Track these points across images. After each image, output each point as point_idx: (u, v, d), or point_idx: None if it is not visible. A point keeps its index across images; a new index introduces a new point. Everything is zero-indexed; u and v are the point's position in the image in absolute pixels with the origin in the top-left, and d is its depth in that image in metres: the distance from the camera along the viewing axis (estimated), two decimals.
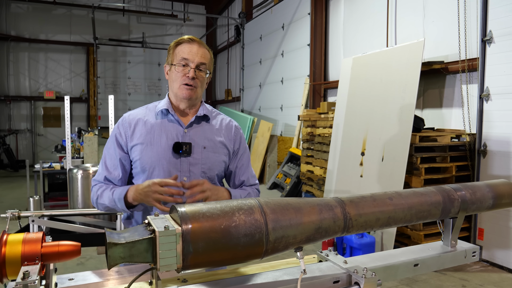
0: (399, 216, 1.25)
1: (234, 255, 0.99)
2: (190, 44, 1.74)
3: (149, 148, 1.72)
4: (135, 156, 1.74)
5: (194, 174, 1.73)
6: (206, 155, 1.76)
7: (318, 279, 1.18)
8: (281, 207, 1.06)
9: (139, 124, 1.77)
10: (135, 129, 1.76)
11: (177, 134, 1.75)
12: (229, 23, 14.74)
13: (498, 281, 4.11)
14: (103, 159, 1.81)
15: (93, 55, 14.28)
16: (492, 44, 4.53)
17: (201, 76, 1.74)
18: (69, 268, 4.37)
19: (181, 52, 1.73)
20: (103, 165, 1.79)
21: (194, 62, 1.71)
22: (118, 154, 1.77)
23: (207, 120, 1.84)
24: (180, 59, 1.72)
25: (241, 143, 1.91)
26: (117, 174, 1.77)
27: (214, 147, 1.79)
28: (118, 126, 1.80)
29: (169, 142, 1.72)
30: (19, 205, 7.17)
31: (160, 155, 1.71)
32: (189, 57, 1.71)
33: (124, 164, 1.78)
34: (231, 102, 14.70)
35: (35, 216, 2.76)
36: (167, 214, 1.04)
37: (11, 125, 14.01)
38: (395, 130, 4.68)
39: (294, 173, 8.25)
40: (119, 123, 1.81)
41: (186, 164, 1.72)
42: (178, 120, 1.77)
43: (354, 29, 7.49)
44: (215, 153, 1.79)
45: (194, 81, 1.72)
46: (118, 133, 1.78)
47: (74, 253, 0.99)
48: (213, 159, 1.78)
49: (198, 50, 1.73)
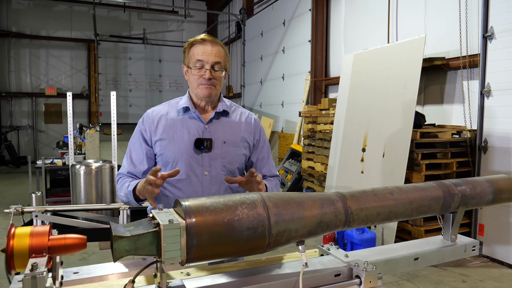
0: (399, 211, 1.26)
1: (237, 248, 1.01)
2: (203, 45, 1.77)
3: (171, 143, 1.78)
4: (159, 150, 1.81)
5: (215, 168, 1.79)
6: (226, 149, 1.82)
7: (320, 272, 1.20)
8: (283, 202, 1.07)
9: (162, 120, 1.83)
10: (158, 124, 1.82)
11: (198, 130, 1.81)
12: (230, 19, 14.71)
13: (498, 277, 4.13)
14: (128, 153, 1.87)
15: (94, 51, 14.28)
16: (493, 40, 4.52)
17: (218, 75, 1.79)
18: (72, 263, 4.39)
19: (195, 53, 1.77)
20: (129, 159, 1.86)
21: (208, 62, 1.75)
22: (144, 148, 1.83)
23: (227, 115, 1.89)
24: (195, 61, 1.76)
25: (261, 136, 1.96)
26: (143, 167, 1.83)
27: (234, 141, 1.84)
28: (143, 122, 1.87)
29: (190, 138, 1.78)
30: (21, 201, 7.20)
31: (182, 150, 1.77)
32: (204, 58, 1.75)
33: (149, 157, 1.84)
34: (232, 98, 14.71)
35: (39, 211, 2.79)
36: (171, 208, 1.06)
37: (13, 122, 14.03)
38: (396, 126, 4.69)
39: (295, 169, 8.26)
40: (144, 119, 1.87)
41: (207, 159, 1.78)
42: (199, 116, 1.83)
43: (355, 25, 7.47)
44: (235, 147, 1.84)
45: (211, 81, 1.77)
46: (143, 129, 1.85)
47: (80, 246, 1.00)
48: (233, 153, 1.83)
49: (212, 50, 1.76)
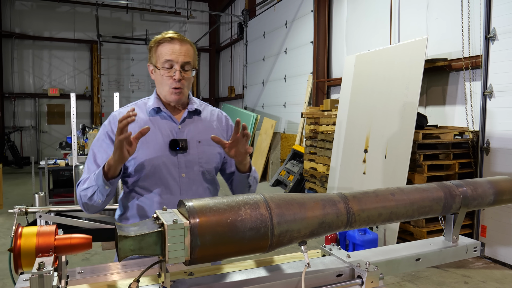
0: (401, 212, 1.27)
1: (240, 249, 1.02)
2: (171, 44, 1.69)
3: (145, 146, 1.69)
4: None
5: (192, 169, 1.74)
6: (202, 149, 1.77)
7: (322, 272, 1.21)
8: (285, 202, 1.08)
9: (131, 122, 1.72)
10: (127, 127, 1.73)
11: (172, 130, 1.74)
12: (232, 20, 14.74)
13: (500, 278, 4.12)
14: (92, 158, 1.72)
15: (97, 52, 14.33)
16: (495, 41, 4.52)
17: (187, 76, 1.72)
18: (75, 264, 4.41)
19: (163, 53, 1.69)
20: (94, 163, 1.70)
21: (178, 62, 1.68)
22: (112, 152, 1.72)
23: (199, 113, 1.84)
24: (164, 62, 1.68)
25: (232, 132, 1.92)
26: None
27: (208, 140, 1.77)
28: (109, 124, 1.74)
29: (164, 139, 1.71)
30: (24, 201, 7.23)
31: (157, 152, 1.69)
32: (173, 57, 1.67)
33: None
34: (234, 99, 14.72)
35: (42, 211, 2.81)
36: (175, 209, 1.07)
37: (16, 122, 14.09)
38: (398, 127, 4.69)
39: (297, 170, 8.27)
40: (110, 121, 1.75)
41: (183, 160, 1.73)
42: (171, 116, 1.76)
43: (357, 26, 7.48)
44: (210, 146, 1.78)
45: (180, 82, 1.70)
46: (111, 131, 1.72)
47: (86, 246, 1.02)
48: (209, 153, 1.79)
49: (181, 49, 1.69)
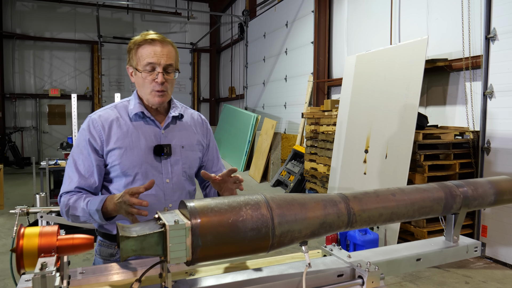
0: (401, 212, 1.28)
1: (241, 249, 1.02)
2: (152, 46, 1.63)
3: (129, 152, 1.64)
4: (113, 161, 1.64)
5: (176, 175, 1.72)
6: (185, 154, 1.75)
7: (323, 272, 1.21)
8: (286, 202, 1.09)
9: (114, 126, 1.66)
10: (110, 132, 1.65)
11: (156, 135, 1.70)
12: (232, 20, 14.75)
13: (501, 278, 4.12)
14: (73, 166, 1.65)
15: (98, 53, 14.35)
16: (496, 41, 4.52)
17: (170, 78, 1.68)
18: (76, 264, 4.41)
19: (144, 55, 1.63)
20: (75, 172, 1.64)
21: (160, 65, 1.62)
22: (94, 159, 1.64)
23: (181, 118, 1.81)
24: (146, 64, 1.62)
25: (211, 136, 1.92)
26: (93, 181, 1.64)
27: (191, 145, 1.78)
28: (89, 129, 1.65)
29: (148, 145, 1.67)
30: (25, 202, 7.24)
31: (141, 158, 1.65)
32: (154, 60, 1.62)
33: (100, 169, 1.66)
34: (234, 99, 14.73)
35: (44, 212, 2.82)
36: (176, 209, 1.08)
37: (17, 123, 14.11)
38: (398, 127, 4.69)
39: (298, 171, 8.27)
40: (89, 126, 1.66)
41: (167, 165, 1.70)
42: (154, 121, 1.72)
43: (357, 26, 7.49)
44: (192, 151, 1.78)
45: (163, 85, 1.65)
46: (91, 137, 1.64)
47: (88, 246, 1.02)
48: (191, 157, 1.78)
49: (163, 50, 1.63)
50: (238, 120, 11.61)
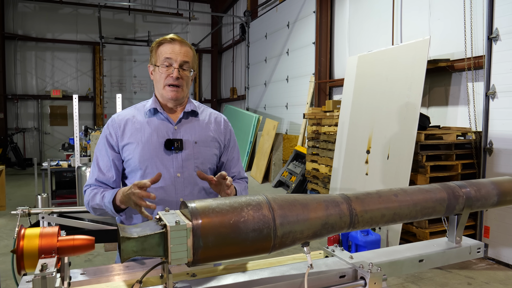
0: (404, 213, 1.27)
1: (242, 250, 1.02)
2: (172, 44, 1.73)
3: (140, 147, 1.72)
4: (127, 156, 1.74)
5: (187, 169, 1.74)
6: (198, 149, 1.78)
7: (325, 273, 1.20)
8: (288, 203, 1.08)
9: (129, 124, 1.77)
10: (125, 129, 1.76)
11: (167, 131, 1.76)
12: (234, 21, 14.75)
13: (504, 279, 4.10)
14: (95, 161, 1.79)
15: (99, 54, 14.38)
16: (498, 41, 4.51)
17: (185, 75, 1.75)
18: (77, 265, 4.41)
19: (163, 52, 1.73)
20: (96, 167, 1.77)
21: (177, 61, 1.71)
22: (110, 155, 1.76)
23: (196, 115, 1.85)
24: (163, 60, 1.72)
25: (231, 136, 1.94)
26: (111, 175, 1.75)
27: (205, 141, 1.80)
28: (108, 127, 1.80)
29: (160, 140, 1.73)
30: (27, 203, 7.25)
31: (152, 153, 1.72)
32: (172, 56, 1.71)
33: (117, 164, 1.77)
34: (236, 100, 14.73)
35: (45, 212, 2.81)
36: (177, 210, 1.07)
37: (19, 124, 14.14)
38: (400, 128, 4.68)
39: (300, 171, 8.26)
40: (108, 124, 1.80)
41: (179, 160, 1.74)
42: (167, 117, 1.78)
43: (359, 27, 7.48)
44: (206, 147, 1.80)
45: (178, 80, 1.73)
46: (109, 134, 1.78)
47: (88, 247, 1.02)
48: (205, 153, 1.80)
49: (181, 49, 1.73)
50: (240, 120, 11.61)
